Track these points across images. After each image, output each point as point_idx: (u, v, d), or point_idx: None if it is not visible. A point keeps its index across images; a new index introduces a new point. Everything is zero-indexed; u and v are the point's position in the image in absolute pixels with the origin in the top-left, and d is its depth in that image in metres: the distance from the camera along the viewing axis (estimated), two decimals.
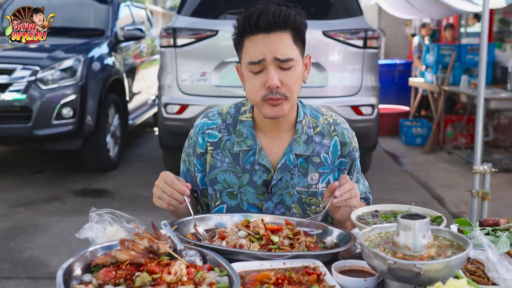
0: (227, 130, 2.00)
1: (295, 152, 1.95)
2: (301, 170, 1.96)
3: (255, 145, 1.96)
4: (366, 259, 1.36)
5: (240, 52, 1.89)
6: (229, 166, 1.98)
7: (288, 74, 1.83)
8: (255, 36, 1.81)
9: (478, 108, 4.46)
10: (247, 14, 1.80)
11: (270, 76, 1.79)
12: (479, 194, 4.49)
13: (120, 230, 1.69)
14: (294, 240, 1.66)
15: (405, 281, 1.28)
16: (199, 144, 2.02)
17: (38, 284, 3.88)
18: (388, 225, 1.49)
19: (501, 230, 1.66)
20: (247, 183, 1.97)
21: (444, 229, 1.45)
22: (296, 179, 1.96)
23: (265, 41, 1.79)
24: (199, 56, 5.52)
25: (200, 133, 2.02)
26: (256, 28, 1.79)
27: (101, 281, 1.40)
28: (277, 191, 1.97)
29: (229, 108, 2.05)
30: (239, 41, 1.88)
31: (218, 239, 1.68)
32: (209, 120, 2.03)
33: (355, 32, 5.45)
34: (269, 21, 1.77)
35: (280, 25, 1.79)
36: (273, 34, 1.79)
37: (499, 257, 1.30)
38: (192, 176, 2.07)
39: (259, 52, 1.80)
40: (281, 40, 1.80)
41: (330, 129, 2.01)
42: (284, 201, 1.98)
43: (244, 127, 1.98)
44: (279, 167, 1.94)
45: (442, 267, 1.25)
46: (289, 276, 1.40)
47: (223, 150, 1.99)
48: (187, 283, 1.34)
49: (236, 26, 1.87)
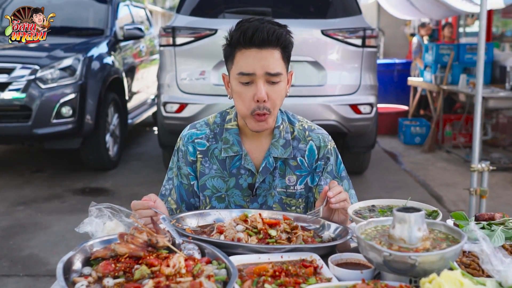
0: (214, 139, 2.10)
1: (273, 155, 2.05)
2: (280, 172, 2.08)
3: (241, 151, 2.06)
4: (362, 252, 1.38)
5: (230, 63, 1.98)
6: (217, 172, 2.08)
7: (275, 88, 1.94)
8: (247, 50, 1.91)
9: (476, 105, 4.48)
10: (243, 29, 1.90)
11: (259, 89, 1.90)
12: (477, 192, 4.50)
13: (119, 224, 1.71)
14: (291, 234, 1.68)
15: (401, 273, 1.30)
16: (190, 153, 2.10)
17: (37, 282, 3.89)
18: (384, 219, 1.51)
19: (496, 224, 1.68)
20: (234, 186, 2.07)
21: (440, 222, 1.47)
22: (276, 181, 2.07)
23: (256, 56, 1.90)
24: (198, 55, 5.53)
25: (190, 142, 2.11)
26: (250, 43, 1.89)
27: (101, 273, 1.42)
28: (261, 192, 2.08)
29: (215, 117, 2.15)
30: (230, 52, 1.97)
31: (216, 233, 1.69)
32: (197, 130, 2.13)
33: (354, 31, 5.46)
34: (263, 38, 1.88)
35: (272, 42, 1.90)
36: (265, 50, 1.90)
37: (493, 249, 1.32)
38: (186, 188, 2.13)
39: (251, 66, 1.90)
40: (271, 56, 1.91)
41: (305, 134, 2.11)
42: (267, 202, 2.08)
43: (230, 134, 2.07)
44: (261, 170, 2.05)
45: (437, 259, 1.27)
46: (286, 269, 1.42)
47: (211, 157, 2.09)
48: (186, 275, 1.36)
49: (228, 38, 1.96)
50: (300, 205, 2.10)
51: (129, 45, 7.89)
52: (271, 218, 1.78)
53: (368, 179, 6.55)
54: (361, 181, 6.33)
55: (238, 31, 1.91)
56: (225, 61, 2.03)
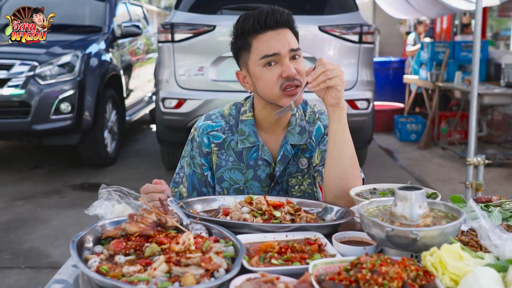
0: (230, 131, 2.12)
1: (291, 142, 2.08)
2: (295, 159, 2.11)
3: (257, 142, 2.09)
4: (365, 229, 1.43)
5: (246, 53, 2.01)
6: (234, 164, 2.11)
7: (299, 62, 1.99)
8: (263, 34, 1.96)
9: (472, 99, 4.54)
10: (255, 16, 1.96)
11: (288, 66, 1.94)
12: (472, 185, 4.57)
13: (127, 207, 1.76)
14: (295, 216, 1.73)
15: (402, 247, 1.35)
16: (204, 144, 2.13)
17: (39, 274, 3.93)
18: (385, 199, 1.57)
19: (493, 206, 1.74)
20: (252, 178, 2.10)
21: (439, 202, 1.53)
22: (291, 168, 2.11)
23: (275, 37, 1.96)
24: (197, 51, 5.58)
25: (205, 134, 2.13)
26: (265, 27, 1.95)
27: (112, 251, 1.46)
28: (279, 180, 2.11)
29: (230, 109, 2.17)
30: (244, 43, 2.00)
31: (222, 215, 1.74)
32: (213, 122, 2.15)
33: (351, 27, 5.52)
34: (276, 19, 1.96)
35: (284, 22, 1.98)
36: (280, 30, 1.97)
37: (491, 225, 1.37)
38: (199, 177, 2.15)
39: (273, 46, 1.95)
40: (288, 34, 1.99)
41: (315, 117, 2.15)
42: (283, 188, 2.12)
43: (246, 125, 2.10)
44: (279, 159, 2.08)
45: (437, 233, 1.32)
46: (292, 246, 1.47)
47: (227, 150, 2.11)
48: (195, 252, 1.41)
49: (237, 31, 2.00)
50: (316, 181, 2.12)
51: (127, 43, 7.93)
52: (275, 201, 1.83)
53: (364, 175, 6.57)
54: None
55: (249, 20, 1.96)
56: (237, 55, 2.05)
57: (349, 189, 1.83)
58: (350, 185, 1.87)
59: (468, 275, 1.20)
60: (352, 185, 1.87)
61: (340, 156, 1.89)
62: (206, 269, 1.32)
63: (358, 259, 1.25)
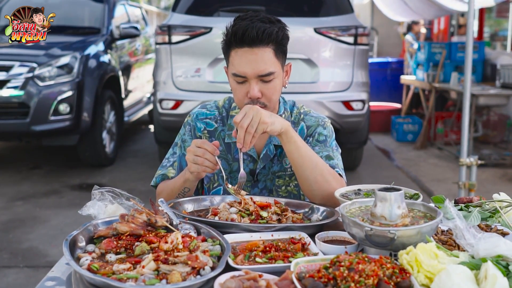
0: (222, 121, 2.21)
1: (274, 143, 2.15)
2: (279, 158, 2.17)
3: None
4: (346, 228, 1.49)
5: (227, 59, 2.08)
6: (222, 153, 2.17)
7: (268, 86, 2.01)
8: (240, 49, 1.98)
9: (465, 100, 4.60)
10: (234, 29, 1.97)
11: (251, 89, 1.98)
12: (465, 185, 4.62)
13: (120, 208, 1.82)
14: (281, 216, 1.79)
15: (381, 246, 1.41)
16: (197, 128, 2.21)
17: (37, 273, 3.99)
18: (367, 200, 1.63)
19: (473, 206, 1.79)
20: (236, 170, 2.16)
21: (419, 202, 1.59)
22: (275, 167, 2.17)
23: (248, 57, 1.96)
24: (194, 52, 5.64)
25: (198, 119, 2.22)
26: (241, 43, 1.96)
27: (104, 250, 1.53)
28: (262, 178, 2.18)
29: (224, 102, 2.27)
30: (226, 50, 2.05)
31: (211, 215, 1.80)
32: (207, 110, 2.24)
33: (346, 29, 5.58)
34: (252, 37, 1.93)
35: (263, 41, 1.95)
36: (256, 49, 1.95)
37: (466, 225, 1.43)
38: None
39: (243, 68, 1.97)
40: (263, 54, 1.96)
41: (300, 118, 2.21)
42: (267, 186, 2.19)
43: None
44: (262, 157, 2.16)
45: (414, 233, 1.38)
46: (276, 245, 1.53)
47: (218, 138, 2.20)
48: (183, 251, 1.47)
49: (226, 33, 2.03)
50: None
51: (125, 44, 7.98)
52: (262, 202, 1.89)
53: (360, 175, 6.66)
54: (354, 177, 6.44)
55: (230, 30, 1.98)
56: (224, 56, 2.11)
57: (329, 193, 1.89)
58: (328, 190, 1.92)
59: (441, 273, 1.26)
60: (330, 189, 1.92)
61: (305, 171, 1.94)
62: (193, 267, 1.38)
63: (337, 257, 1.31)
